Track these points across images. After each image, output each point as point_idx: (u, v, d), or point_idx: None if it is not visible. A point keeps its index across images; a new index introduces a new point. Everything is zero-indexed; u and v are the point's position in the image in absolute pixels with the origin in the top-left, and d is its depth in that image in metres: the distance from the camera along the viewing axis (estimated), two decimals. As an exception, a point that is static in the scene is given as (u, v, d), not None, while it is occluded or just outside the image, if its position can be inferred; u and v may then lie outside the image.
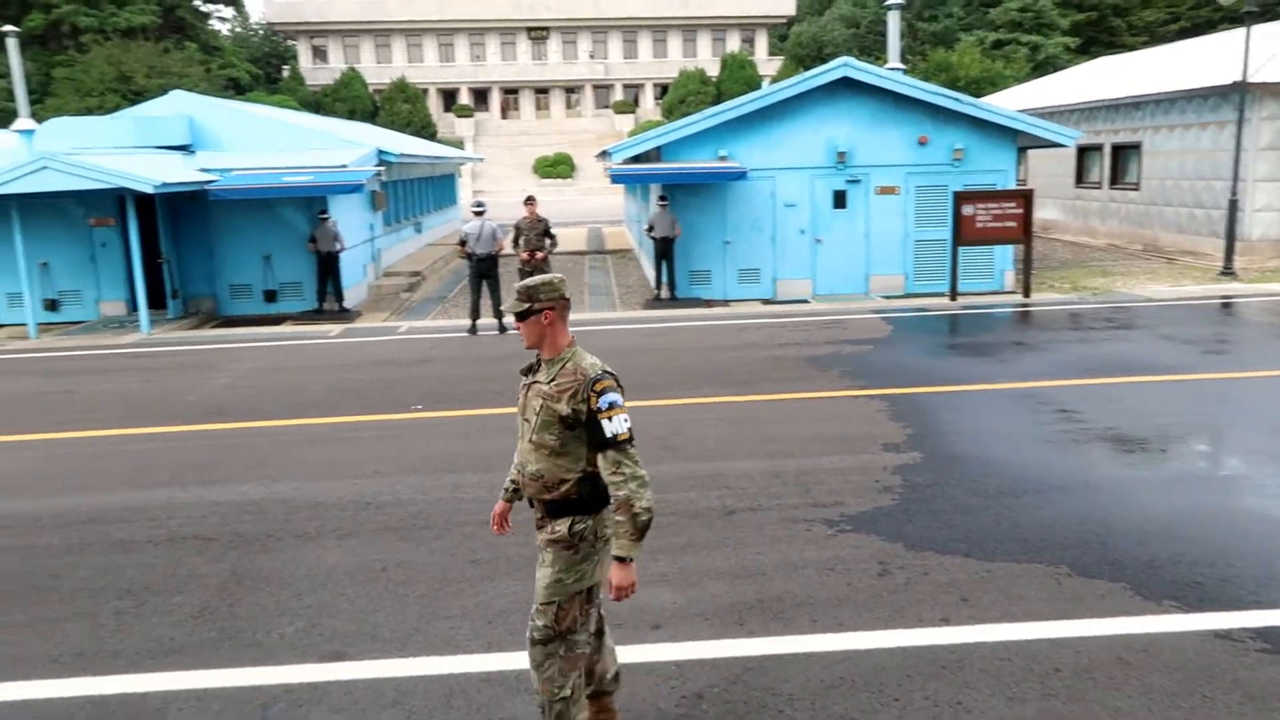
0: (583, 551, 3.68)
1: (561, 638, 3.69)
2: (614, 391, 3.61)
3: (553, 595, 3.68)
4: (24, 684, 4.67)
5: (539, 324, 3.68)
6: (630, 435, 3.58)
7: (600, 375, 3.62)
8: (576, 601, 3.70)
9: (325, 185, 16.35)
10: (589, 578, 3.71)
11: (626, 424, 3.58)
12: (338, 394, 10.63)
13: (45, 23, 49.25)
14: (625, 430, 3.56)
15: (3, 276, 16.36)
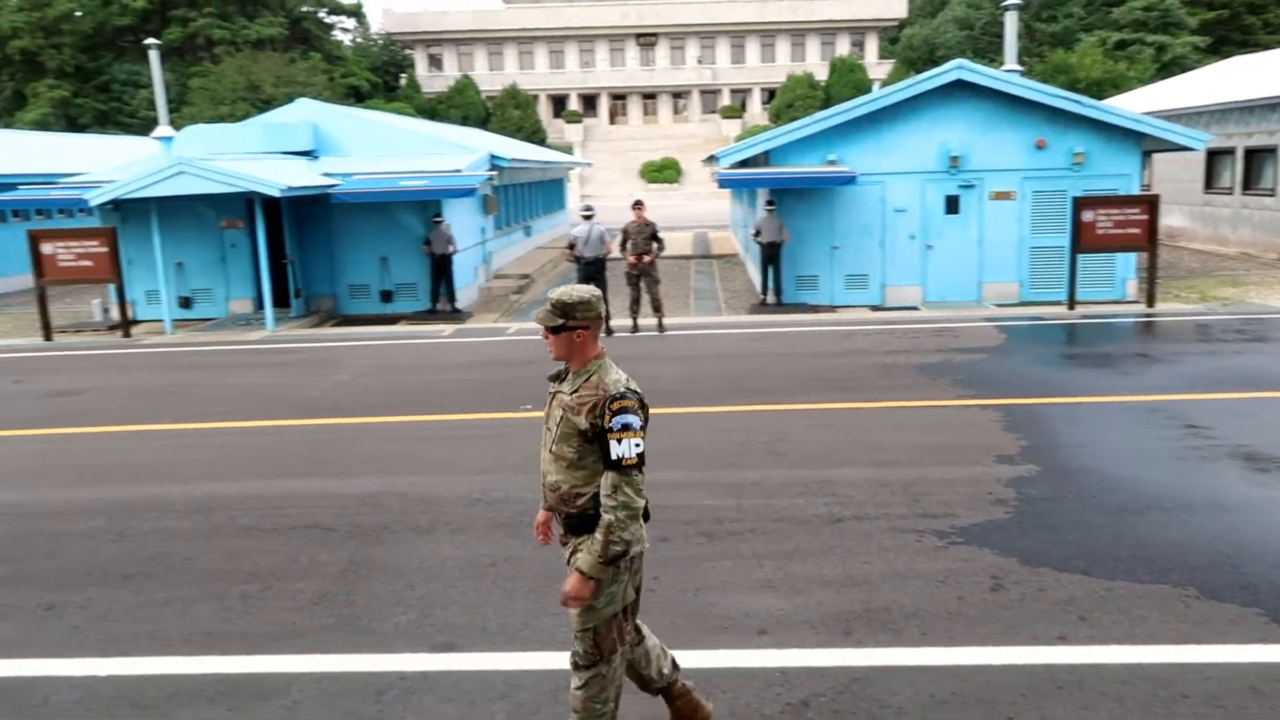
0: (610, 574, 3.58)
1: (605, 660, 3.66)
2: (631, 414, 3.47)
3: (587, 622, 3.62)
4: (160, 659, 4.95)
5: (570, 340, 3.61)
6: (638, 461, 3.45)
7: (621, 394, 3.50)
8: (613, 624, 3.65)
9: (440, 189, 16.81)
10: (620, 599, 3.64)
11: (637, 449, 3.45)
12: (450, 392, 10.91)
13: (183, 35, 51.98)
14: (633, 455, 3.44)
15: (143, 275, 17.34)
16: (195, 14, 53.22)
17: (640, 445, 3.47)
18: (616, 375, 3.59)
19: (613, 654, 3.67)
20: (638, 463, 3.46)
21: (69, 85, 52.13)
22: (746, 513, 6.73)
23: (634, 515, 3.46)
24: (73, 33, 52.63)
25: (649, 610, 5.29)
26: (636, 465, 3.45)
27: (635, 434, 3.46)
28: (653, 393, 10.40)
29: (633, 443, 3.45)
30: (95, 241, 15.59)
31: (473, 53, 69.41)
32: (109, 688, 4.68)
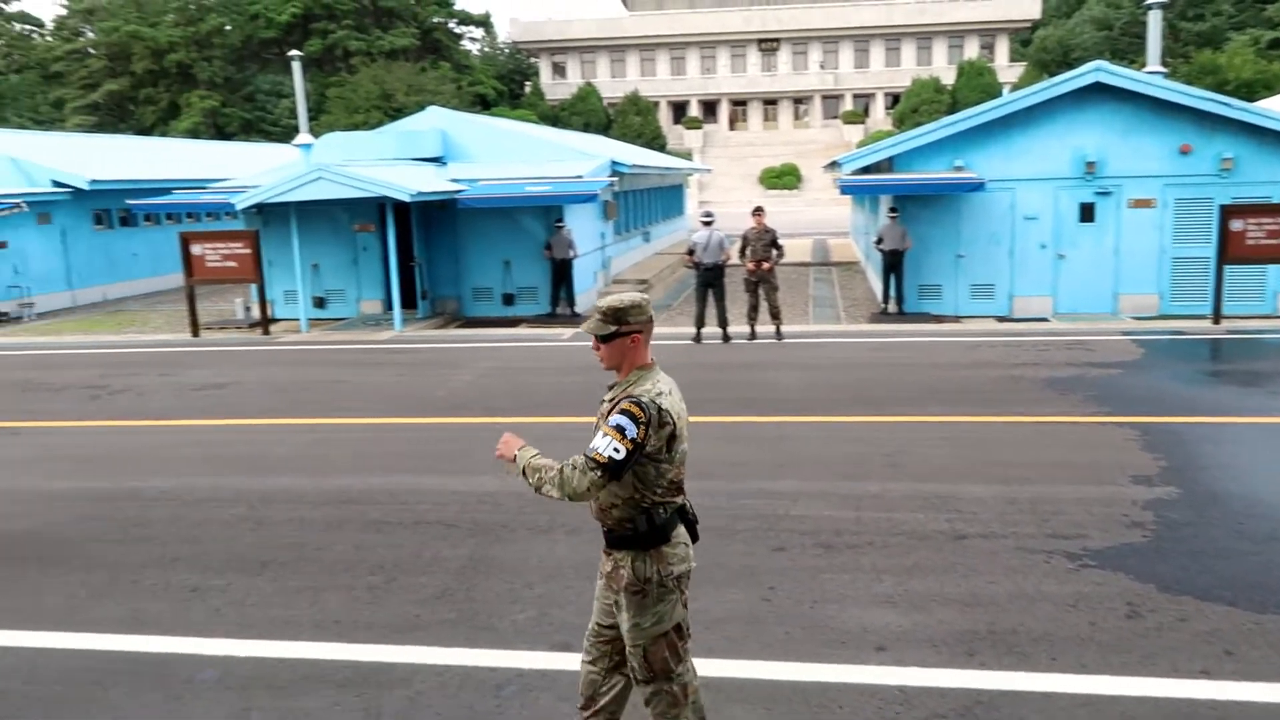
0: (653, 594, 3.52)
1: (662, 678, 3.60)
2: (632, 420, 3.32)
3: (635, 640, 3.58)
4: (293, 644, 5.18)
5: (624, 346, 3.48)
6: (607, 462, 3.30)
7: (638, 400, 3.37)
8: (662, 643, 3.57)
9: (562, 195, 17.10)
10: (668, 619, 3.56)
11: (613, 451, 3.30)
12: (569, 394, 11.08)
13: (322, 47, 54.38)
14: (605, 454, 3.31)
15: (282, 276, 18.20)
16: (334, 27, 55.63)
17: (619, 453, 3.30)
18: (651, 386, 3.45)
19: (668, 672, 3.60)
20: (606, 464, 3.31)
21: (218, 95, 55.20)
22: (866, 525, 6.60)
23: (560, 491, 3.39)
24: (223, 46, 55.74)
25: (765, 620, 5.25)
26: (603, 466, 3.31)
27: (623, 440, 3.31)
28: (770, 400, 10.36)
29: (614, 444, 3.31)
30: (240, 243, 16.45)
31: (595, 60, 70.33)
32: (246, 668, 4.92)
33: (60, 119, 54.88)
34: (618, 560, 3.56)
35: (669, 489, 3.51)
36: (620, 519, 3.50)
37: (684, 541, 3.61)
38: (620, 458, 3.31)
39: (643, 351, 3.51)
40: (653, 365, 3.54)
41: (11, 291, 20.44)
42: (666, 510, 3.52)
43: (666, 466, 3.47)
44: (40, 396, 11.95)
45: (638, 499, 3.46)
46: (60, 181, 21.88)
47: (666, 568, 3.52)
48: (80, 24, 58.88)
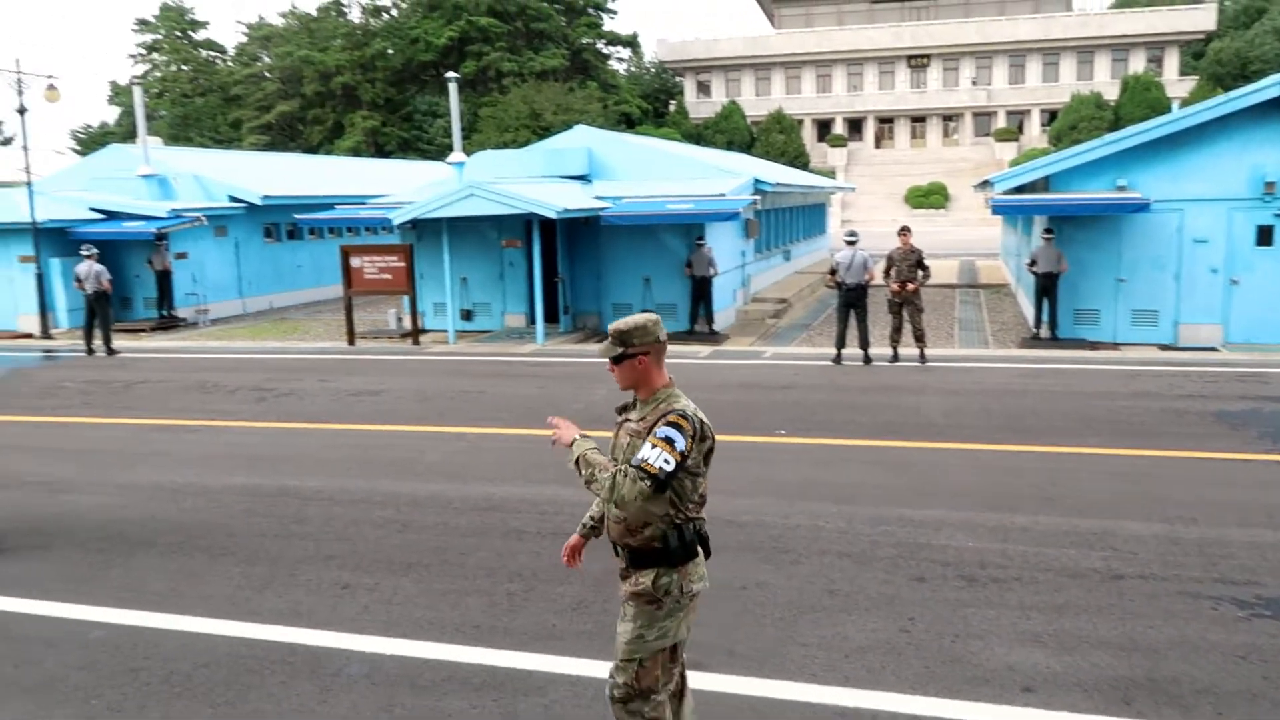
0: (667, 607, 3.51)
1: (644, 696, 3.56)
2: (680, 433, 3.33)
3: (634, 652, 3.54)
4: (436, 645, 5.36)
5: (633, 368, 3.53)
6: (658, 473, 3.28)
7: (683, 412, 3.40)
8: (659, 659, 3.55)
9: (704, 213, 17.18)
10: (672, 635, 3.54)
11: (664, 462, 3.28)
12: (705, 413, 11.05)
13: (476, 69, 56.45)
14: (657, 465, 3.28)
15: (432, 288, 18.93)
16: (489, 49, 57.65)
17: (669, 465, 3.30)
18: (686, 403, 3.49)
19: (652, 693, 3.56)
20: (658, 473, 3.29)
21: (379, 116, 58.03)
22: (1013, 559, 6.34)
23: (608, 496, 3.35)
24: (385, 69, 58.59)
25: (903, 651, 5.11)
26: (654, 477, 3.29)
27: (673, 451, 3.31)
28: (913, 425, 10.09)
29: (664, 455, 3.30)
30: (395, 257, 17.22)
31: (740, 78, 70.40)
32: (392, 666, 5.13)
33: (238, 138, 58.84)
34: (638, 576, 3.54)
35: (699, 504, 3.54)
36: (649, 537, 3.47)
37: (702, 559, 3.61)
38: (670, 469, 3.31)
39: (657, 373, 3.55)
40: (672, 385, 3.57)
41: (190, 299, 21.99)
42: (696, 526, 3.53)
43: (701, 480, 3.50)
44: (215, 397, 12.80)
45: (672, 515, 3.45)
46: (236, 197, 23.45)
47: (688, 584, 3.52)
48: (258, 50, 63.05)
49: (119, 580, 6.42)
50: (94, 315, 16.95)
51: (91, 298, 16.81)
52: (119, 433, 10.90)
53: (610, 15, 65.71)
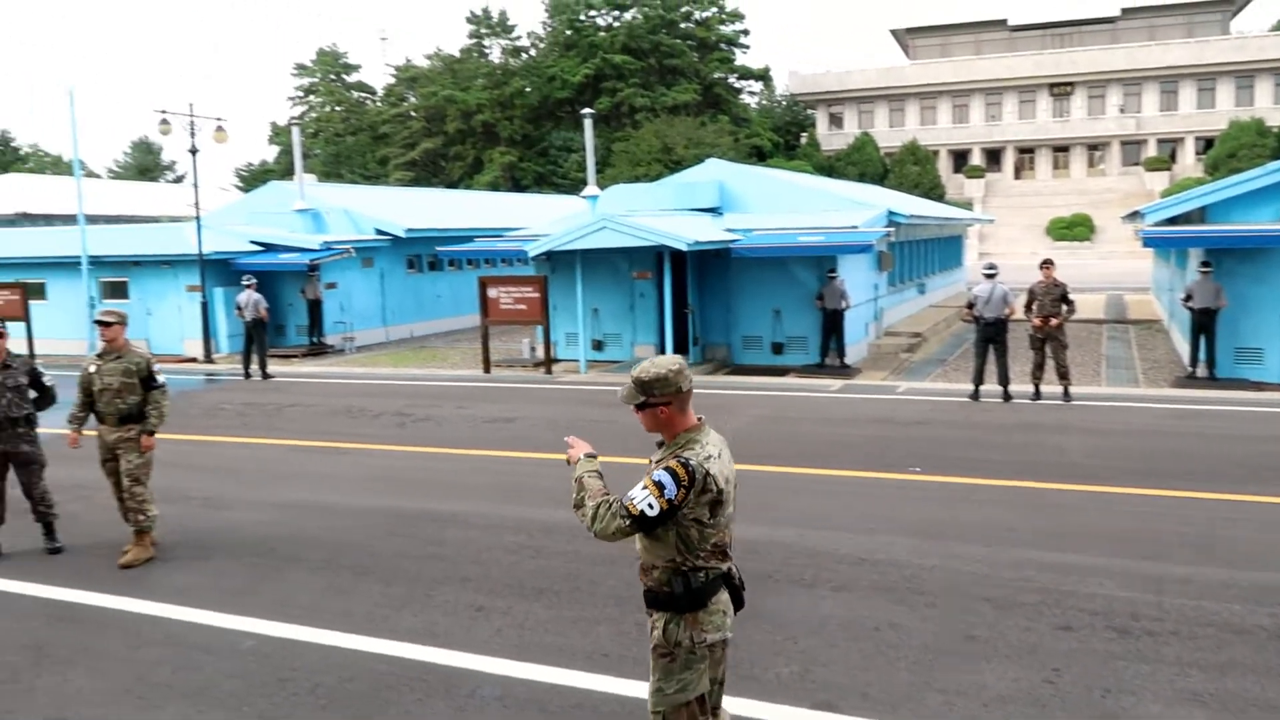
0: (680, 659, 3.50)
1: None
2: (674, 480, 3.36)
3: (656, 705, 3.57)
4: (566, 672, 5.42)
5: (655, 416, 3.58)
6: (639, 515, 3.35)
7: (686, 462, 3.41)
8: (684, 712, 3.53)
9: (836, 245, 17.00)
10: (693, 688, 3.52)
11: (647, 505, 3.35)
12: (837, 447, 10.90)
13: (610, 105, 57.71)
14: (639, 506, 3.36)
15: (564, 319, 19.32)
16: (622, 85, 58.87)
17: (653, 509, 3.35)
18: (700, 449, 3.49)
19: None
20: (637, 516, 3.36)
21: (516, 151, 59.91)
22: (1169, 612, 5.97)
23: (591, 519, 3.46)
24: (523, 106, 60.52)
25: (1046, 704, 4.88)
26: (635, 518, 3.36)
27: (660, 496, 3.35)
28: (1056, 466, 9.68)
29: (650, 499, 3.36)
30: (530, 288, 17.67)
31: (873, 110, 69.56)
32: (523, 690, 5.21)
33: (384, 174, 61.71)
34: (653, 621, 3.58)
35: (713, 553, 3.52)
36: (660, 580, 3.52)
37: (722, 609, 3.57)
38: (653, 514, 3.35)
39: (681, 418, 3.59)
40: (701, 425, 3.61)
41: (338, 326, 23.09)
42: (708, 575, 3.52)
43: (711, 531, 3.48)
44: (360, 421, 13.37)
45: (679, 562, 3.48)
46: (382, 230, 24.58)
47: (700, 634, 3.50)
48: (405, 90, 66.11)
49: (270, 593, 6.76)
50: (252, 341, 18.00)
51: (250, 325, 17.87)
52: (272, 453, 11.50)
53: (743, 50, 66.11)
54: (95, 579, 7.12)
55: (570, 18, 61.10)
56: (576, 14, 61.18)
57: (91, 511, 8.89)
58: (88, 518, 8.71)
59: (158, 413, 7.55)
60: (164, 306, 22.20)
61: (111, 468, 7.65)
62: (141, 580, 7.08)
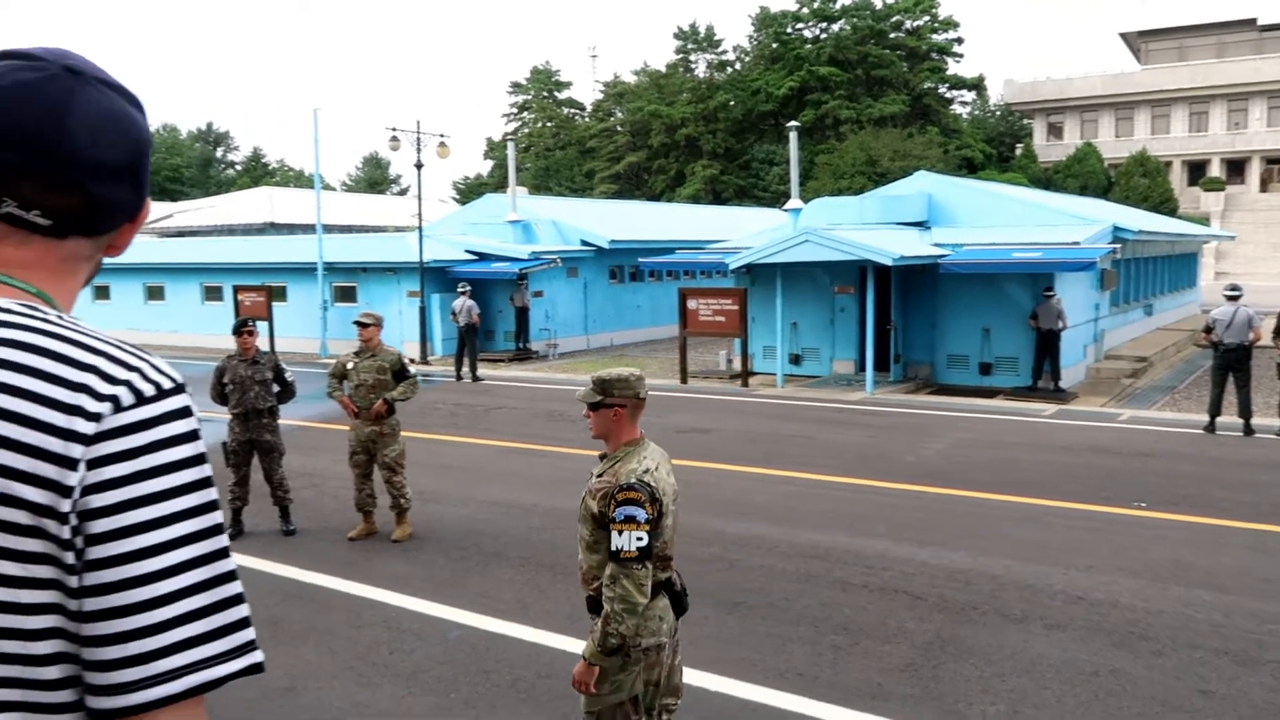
0: (615, 662, 3.53)
1: None
2: (636, 506, 3.39)
3: (590, 708, 3.60)
4: (758, 689, 5.36)
5: (607, 418, 3.66)
6: (638, 554, 3.37)
7: (630, 484, 3.43)
8: (618, 713, 3.56)
9: (1054, 262, 16.06)
10: (626, 689, 3.55)
11: (638, 542, 3.37)
12: (1050, 476, 10.27)
13: (814, 117, 57.10)
14: (633, 549, 3.37)
15: (762, 332, 19.21)
16: (828, 97, 58.13)
17: (643, 540, 3.38)
18: (636, 465, 3.53)
19: None
20: (638, 556, 3.38)
21: (718, 164, 60.31)
22: None
23: (631, 610, 3.39)
24: (726, 120, 60.90)
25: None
26: (637, 559, 3.38)
27: (639, 526, 3.38)
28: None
29: (634, 535, 3.38)
30: (729, 300, 17.70)
31: (1097, 118, 65.31)
32: (716, 702, 5.19)
33: (590, 187, 63.64)
34: (591, 626, 3.61)
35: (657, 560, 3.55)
36: (599, 588, 3.54)
37: (659, 615, 3.60)
38: (645, 542, 3.40)
39: (629, 427, 3.68)
40: (641, 440, 3.70)
41: (542, 333, 23.97)
42: None
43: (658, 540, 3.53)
44: (561, 425, 13.81)
45: None
46: (587, 241, 25.34)
47: (634, 638, 3.51)
48: (612, 105, 68.00)
49: (475, 587, 7.07)
50: (464, 345, 18.97)
51: (463, 329, 18.83)
52: (479, 452, 12.06)
53: (956, 59, 63.80)
54: (324, 561, 7.69)
55: (777, 30, 60.93)
56: (783, 27, 60.93)
57: (322, 499, 9.62)
58: (318, 504, 9.43)
59: (404, 390, 8.20)
60: (386, 310, 23.73)
61: (358, 460, 8.29)
62: (363, 566, 7.58)
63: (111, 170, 1.16)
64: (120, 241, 1.26)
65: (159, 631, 1.04)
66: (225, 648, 1.09)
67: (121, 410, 1.06)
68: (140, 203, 1.23)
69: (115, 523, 1.03)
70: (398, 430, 8.40)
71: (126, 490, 1.04)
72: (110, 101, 1.17)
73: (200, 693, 1.07)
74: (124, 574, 1.03)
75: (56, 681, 1.05)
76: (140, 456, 1.06)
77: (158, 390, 1.09)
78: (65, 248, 1.18)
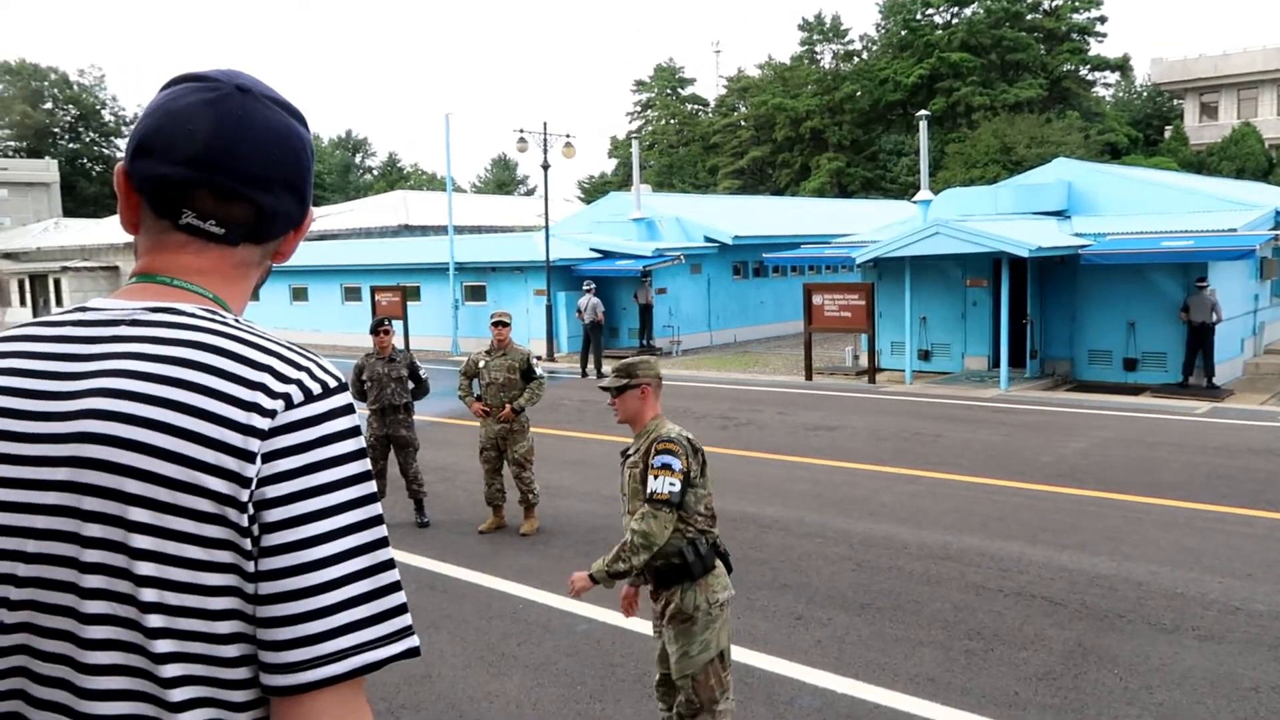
0: (700, 621, 3.78)
1: (707, 709, 3.79)
2: (673, 456, 3.72)
3: (685, 671, 3.79)
4: (887, 692, 5.25)
5: (635, 398, 3.96)
6: (669, 498, 3.68)
7: (669, 438, 3.79)
8: (710, 670, 3.79)
9: (1207, 251, 15.14)
10: (714, 646, 3.80)
11: (670, 486, 3.68)
12: (1201, 478, 9.69)
13: (945, 105, 55.41)
14: (665, 491, 3.68)
15: (890, 327, 18.80)
16: (959, 84, 56.25)
17: (675, 486, 3.70)
18: (670, 426, 3.91)
19: (714, 703, 3.81)
20: (668, 501, 3.69)
21: (844, 157, 59.21)
22: None
23: (648, 547, 3.70)
24: (853, 111, 59.72)
25: None
26: (667, 503, 3.69)
27: (673, 474, 3.70)
28: None
29: (668, 481, 3.69)
30: (855, 295, 17.37)
31: (1257, 96, 61.09)
32: (844, 705, 5.11)
33: (713, 183, 63.48)
34: (668, 596, 3.84)
35: (706, 517, 3.89)
36: (668, 555, 3.77)
37: (722, 571, 3.93)
38: (677, 489, 3.72)
39: (654, 404, 4.02)
40: (660, 416, 4.01)
41: (666, 330, 24.07)
42: (708, 541, 3.87)
43: (703, 492, 3.88)
44: (685, 422, 13.69)
45: (682, 529, 3.80)
46: (710, 237, 25.30)
47: (713, 595, 3.82)
48: (735, 100, 67.61)
49: (602, 581, 7.15)
50: (589, 342, 19.23)
51: (588, 326, 19.10)
52: (605, 448, 12.19)
53: (1099, 39, 60.78)
54: (456, 553, 7.93)
55: (906, 17, 59.30)
56: (913, 13, 59.26)
57: (454, 492, 9.93)
58: (450, 497, 9.74)
59: (530, 396, 8.42)
60: (514, 309, 24.28)
61: (488, 456, 8.54)
62: (493, 558, 7.79)
63: (278, 182, 1.23)
64: (286, 249, 1.33)
65: (327, 615, 1.10)
66: (386, 631, 1.14)
67: (293, 407, 1.12)
68: (303, 212, 1.30)
69: (288, 512, 1.10)
70: (527, 427, 8.59)
71: (299, 482, 1.11)
72: (278, 117, 1.24)
73: (363, 673, 1.12)
74: (296, 560, 1.10)
75: (235, 659, 1.11)
76: (311, 450, 1.12)
77: (324, 388, 1.16)
78: (237, 254, 1.26)
